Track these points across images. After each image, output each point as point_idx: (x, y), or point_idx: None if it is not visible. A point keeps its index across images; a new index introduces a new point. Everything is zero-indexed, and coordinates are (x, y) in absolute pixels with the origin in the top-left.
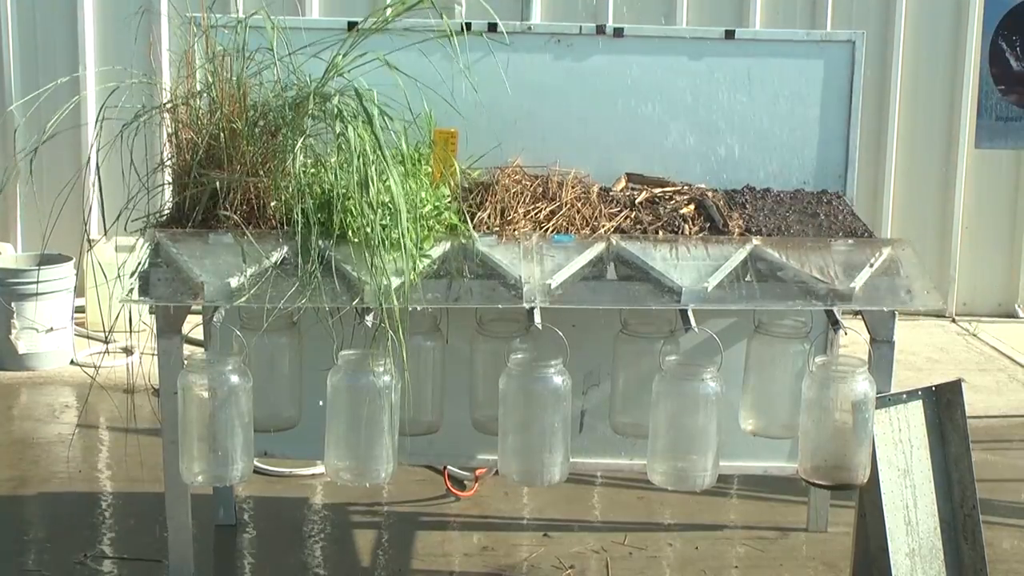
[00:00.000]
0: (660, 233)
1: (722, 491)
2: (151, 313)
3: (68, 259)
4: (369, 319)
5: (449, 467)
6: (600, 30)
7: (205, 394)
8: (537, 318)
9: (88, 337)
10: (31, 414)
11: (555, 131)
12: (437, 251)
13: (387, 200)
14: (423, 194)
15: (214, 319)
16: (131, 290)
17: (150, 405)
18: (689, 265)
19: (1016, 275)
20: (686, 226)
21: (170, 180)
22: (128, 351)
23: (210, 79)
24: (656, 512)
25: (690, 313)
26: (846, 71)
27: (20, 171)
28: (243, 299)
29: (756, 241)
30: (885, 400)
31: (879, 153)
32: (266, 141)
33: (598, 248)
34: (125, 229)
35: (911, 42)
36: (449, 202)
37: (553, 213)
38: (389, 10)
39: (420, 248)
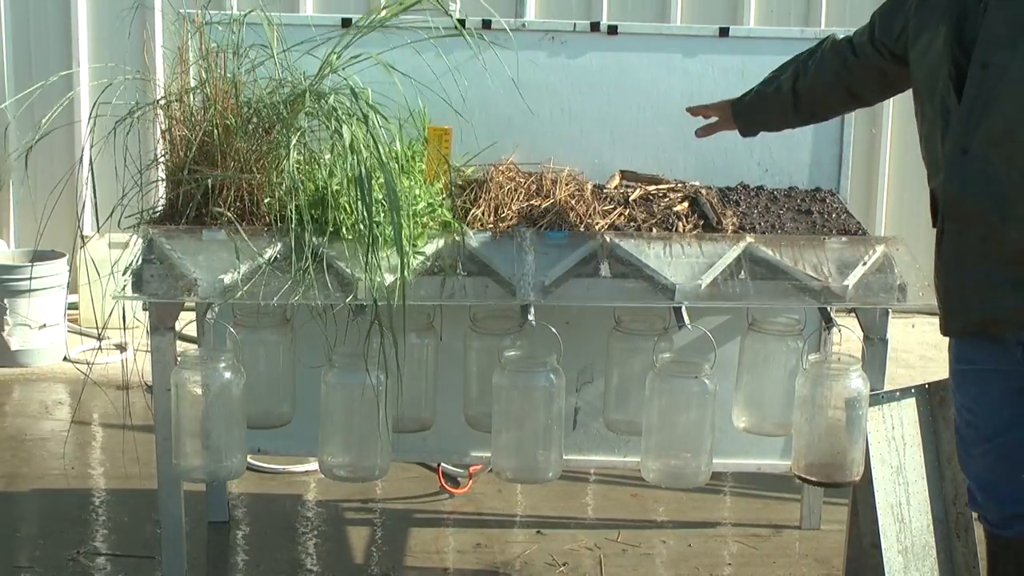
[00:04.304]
0: (654, 230)
1: (715, 488)
2: (144, 310)
3: (61, 256)
4: (363, 316)
5: (443, 464)
6: (594, 27)
7: (198, 391)
8: (531, 315)
9: (81, 334)
10: (24, 410)
11: (549, 128)
12: (430, 248)
13: (380, 197)
14: (417, 191)
15: (207, 316)
16: (124, 287)
17: (143, 402)
18: (683, 262)
19: None
20: (680, 223)
21: (163, 177)
22: (121, 348)
23: (204, 76)
24: (650, 509)
25: (684, 310)
26: None
27: (13, 168)
28: (237, 296)
29: (750, 239)
30: (878, 398)
31: (873, 150)
32: (260, 138)
33: (592, 245)
34: (118, 226)
35: None
36: (443, 199)
37: (547, 210)
38: (385, 10)
39: (414, 245)
